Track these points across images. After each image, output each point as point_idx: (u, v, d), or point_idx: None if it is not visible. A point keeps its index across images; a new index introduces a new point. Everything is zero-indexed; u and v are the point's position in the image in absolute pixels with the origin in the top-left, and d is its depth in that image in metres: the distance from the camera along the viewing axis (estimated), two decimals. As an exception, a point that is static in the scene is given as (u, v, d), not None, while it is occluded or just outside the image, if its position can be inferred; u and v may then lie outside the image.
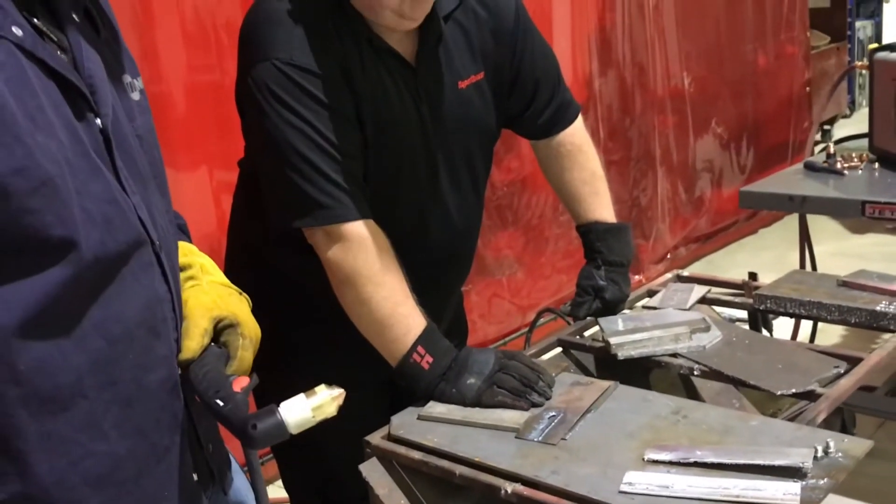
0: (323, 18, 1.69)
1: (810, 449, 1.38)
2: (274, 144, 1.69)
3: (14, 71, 1.04)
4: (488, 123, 1.90)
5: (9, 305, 1.05)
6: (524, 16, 1.90)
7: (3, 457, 1.08)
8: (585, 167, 2.04)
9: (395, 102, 1.75)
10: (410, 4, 1.65)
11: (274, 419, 1.24)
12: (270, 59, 1.66)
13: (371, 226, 1.71)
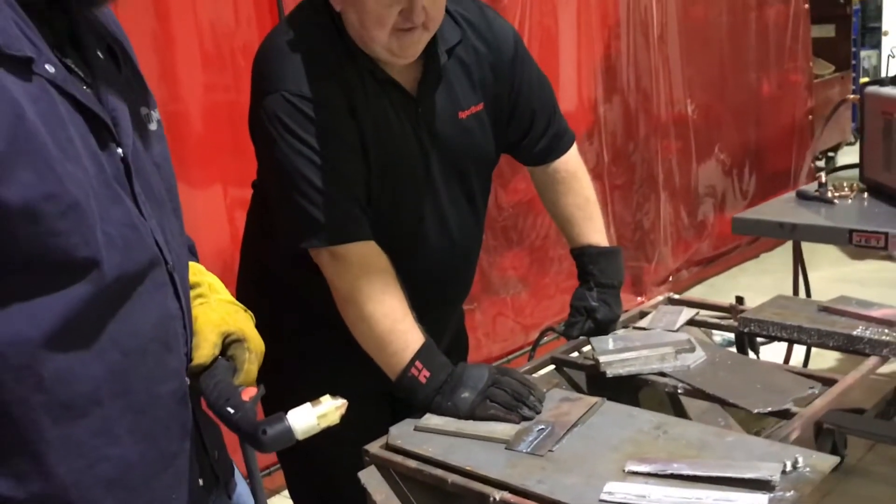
0: (328, 52, 1.81)
1: (779, 463, 1.47)
2: (282, 170, 1.80)
3: (46, 105, 1.14)
4: (487, 151, 2.01)
5: (36, 319, 1.15)
6: (522, 50, 2.02)
7: (25, 458, 1.17)
8: (580, 193, 2.15)
9: (397, 131, 1.86)
10: (398, 44, 1.76)
11: (283, 425, 1.34)
12: (280, 91, 1.77)
13: (372, 247, 1.82)
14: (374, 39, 1.77)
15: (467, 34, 1.93)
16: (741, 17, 5.83)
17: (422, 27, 1.76)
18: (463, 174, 1.97)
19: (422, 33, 1.78)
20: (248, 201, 2.17)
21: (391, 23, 1.74)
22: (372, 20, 1.74)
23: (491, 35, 1.96)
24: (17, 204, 1.10)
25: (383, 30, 1.74)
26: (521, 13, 4.32)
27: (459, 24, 1.92)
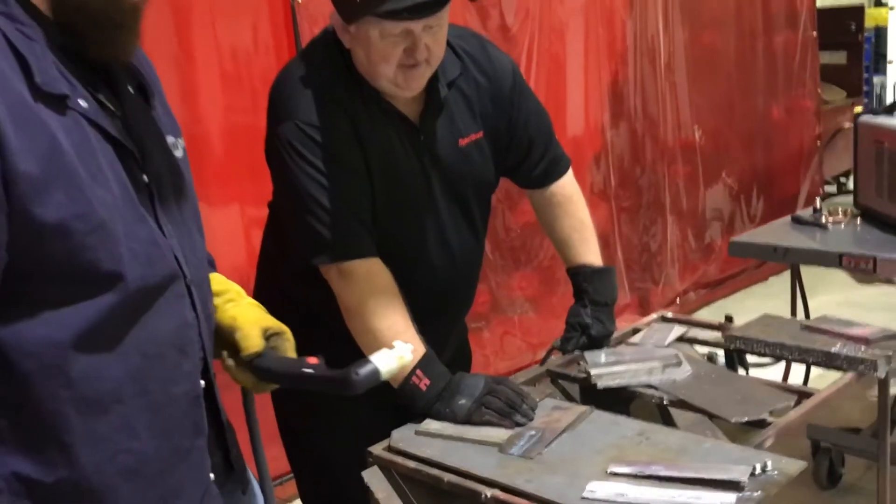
0: (338, 85, 1.96)
1: (749, 466, 1.59)
2: (294, 192, 1.95)
3: (80, 136, 1.29)
4: (486, 176, 2.14)
5: (66, 324, 1.29)
6: (520, 82, 2.16)
7: (54, 447, 1.31)
8: (574, 216, 2.28)
9: (401, 157, 2.00)
10: (403, 78, 1.91)
11: (371, 366, 1.48)
12: (293, 120, 1.93)
13: (377, 263, 1.96)
14: (381, 74, 1.91)
15: (468, 67, 2.07)
16: (749, 45, 5.96)
17: (424, 63, 1.91)
18: (462, 197, 2.11)
19: (425, 69, 1.92)
20: (263, 220, 2.31)
21: (396, 59, 1.88)
22: (378, 57, 1.89)
23: (491, 68, 2.10)
24: (52, 222, 1.24)
25: (389, 66, 1.89)
26: (530, 40, 4.47)
27: (461, 58, 2.07)
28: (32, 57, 1.26)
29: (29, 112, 1.24)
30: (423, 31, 1.88)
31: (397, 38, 1.87)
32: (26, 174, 1.22)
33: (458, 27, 2.14)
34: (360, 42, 1.91)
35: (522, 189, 2.33)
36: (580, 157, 4.87)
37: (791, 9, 6.24)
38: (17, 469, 1.29)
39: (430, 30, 1.89)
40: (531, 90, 2.22)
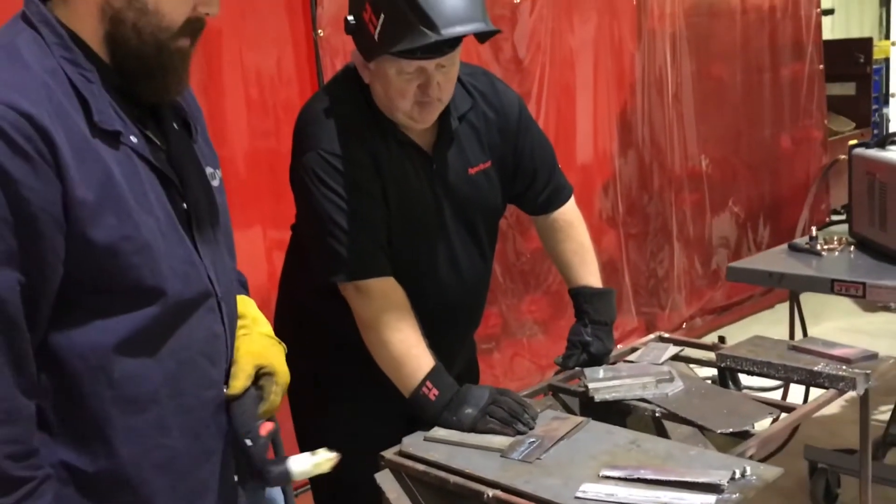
0: (357, 117, 2.14)
1: (729, 471, 1.74)
2: (316, 216, 2.12)
3: (129, 168, 1.47)
4: (494, 202, 2.31)
5: (111, 331, 1.46)
6: (526, 115, 2.34)
7: (96, 440, 1.48)
8: (576, 240, 2.45)
9: (415, 184, 2.17)
10: (418, 112, 2.09)
11: (283, 467, 1.65)
12: (316, 150, 2.10)
13: (391, 282, 2.12)
14: (397, 108, 2.09)
15: (478, 102, 2.25)
16: (756, 77, 6.09)
17: (437, 100, 2.08)
18: (471, 221, 2.27)
19: (437, 104, 2.10)
20: (284, 242, 2.48)
21: (412, 95, 2.06)
22: (395, 92, 2.06)
23: (499, 103, 2.28)
24: (103, 242, 1.42)
25: (405, 101, 2.07)
26: (542, 71, 4.63)
27: (471, 94, 2.25)
28: (91, 97, 1.44)
29: (87, 146, 1.41)
30: (436, 70, 2.05)
31: (412, 75, 2.04)
32: (83, 200, 1.39)
33: (470, 65, 2.32)
34: (379, 78, 2.08)
35: (528, 215, 2.49)
36: (589, 184, 5.02)
37: (798, 42, 6.37)
38: (63, 458, 1.45)
39: (442, 69, 2.06)
40: (536, 123, 2.39)
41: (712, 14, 5.69)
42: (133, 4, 1.45)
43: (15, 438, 1.36)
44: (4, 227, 1.33)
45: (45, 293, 1.39)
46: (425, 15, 1.93)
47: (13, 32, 1.46)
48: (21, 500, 1.36)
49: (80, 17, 1.47)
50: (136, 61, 1.49)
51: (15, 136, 1.33)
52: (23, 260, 1.35)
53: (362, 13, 2.02)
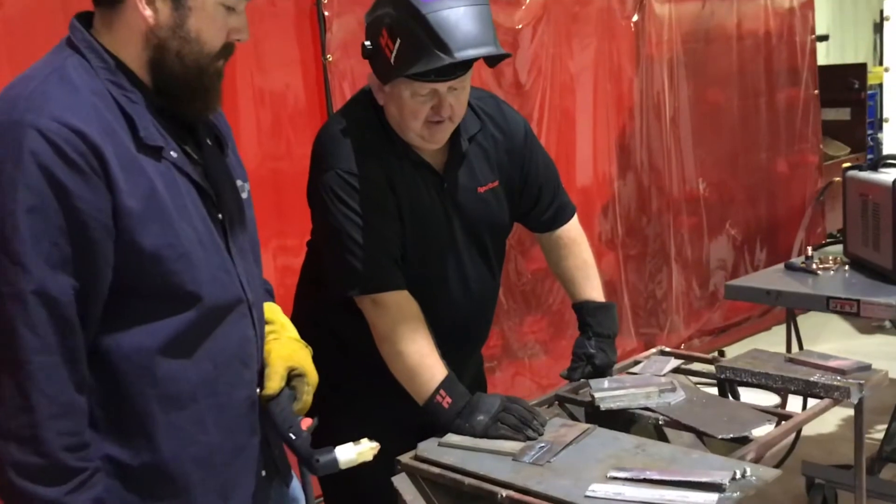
0: (373, 138, 2.24)
1: (729, 472, 1.83)
2: (335, 232, 2.22)
3: (170, 180, 1.59)
4: (501, 219, 2.41)
5: (155, 334, 1.58)
6: (531, 137, 2.45)
7: (140, 436, 1.59)
8: (579, 256, 2.55)
9: (427, 203, 2.27)
10: (429, 132, 2.20)
11: (331, 456, 1.79)
12: (335, 169, 2.21)
13: (406, 295, 2.22)
14: (410, 128, 2.19)
15: (486, 125, 2.36)
16: (752, 102, 6.19)
17: (448, 120, 2.19)
18: (481, 239, 2.37)
19: (448, 125, 2.21)
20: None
21: (424, 116, 2.17)
22: (409, 113, 2.17)
23: (506, 125, 2.39)
24: (148, 249, 1.53)
25: (417, 121, 2.18)
26: (542, 96, 4.75)
27: (480, 117, 2.36)
28: (136, 116, 1.55)
29: (133, 160, 1.53)
30: (448, 92, 2.16)
31: (425, 97, 2.15)
32: (130, 210, 1.50)
33: (478, 90, 2.43)
34: (394, 100, 2.19)
35: (533, 232, 2.59)
36: (589, 206, 5.13)
37: (793, 67, 6.48)
38: (109, 452, 1.56)
39: (454, 91, 2.17)
40: (541, 145, 2.51)
41: (709, 40, 5.81)
42: (177, 34, 1.58)
43: (71, 431, 1.47)
44: (60, 234, 1.44)
45: (96, 296, 1.50)
46: (440, 39, 2.04)
47: (61, 58, 1.58)
48: (75, 490, 1.46)
49: (124, 44, 1.59)
50: (178, 84, 1.60)
51: (69, 152, 1.45)
52: (77, 265, 1.46)
53: (379, 38, 2.13)
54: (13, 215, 1.43)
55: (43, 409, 1.44)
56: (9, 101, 1.50)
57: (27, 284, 1.44)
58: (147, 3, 1.56)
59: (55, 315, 1.45)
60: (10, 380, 1.44)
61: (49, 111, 1.47)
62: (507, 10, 4.56)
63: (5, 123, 1.46)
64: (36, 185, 1.44)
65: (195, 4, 1.58)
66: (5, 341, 1.44)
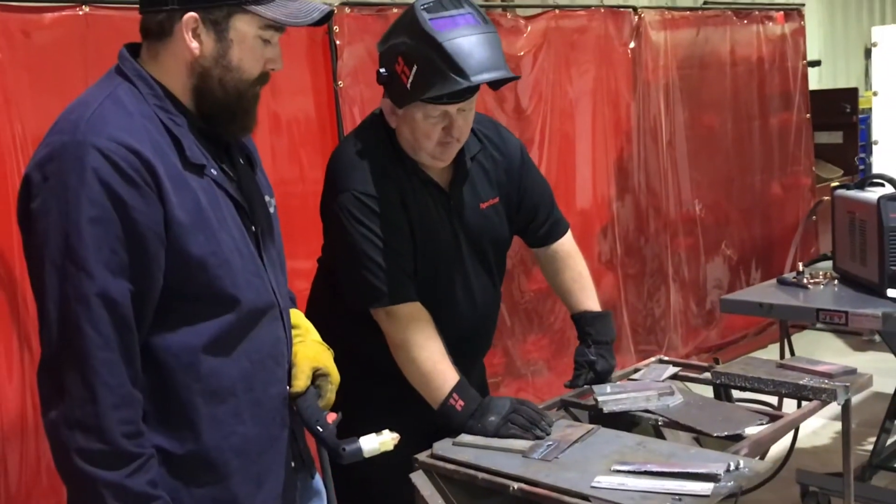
0: (385, 159, 2.40)
1: (724, 464, 1.98)
2: (351, 250, 2.38)
3: (212, 195, 1.76)
4: (503, 234, 2.59)
5: (199, 334, 1.73)
6: (527, 158, 2.65)
7: (185, 426, 1.74)
8: (574, 269, 2.73)
9: (436, 218, 2.44)
10: (441, 151, 2.36)
11: (356, 445, 1.94)
12: (350, 190, 2.36)
13: (418, 306, 2.38)
14: (423, 148, 2.36)
15: (486, 145, 2.55)
16: (746, 126, 6.32)
17: (456, 140, 2.36)
18: (483, 252, 2.54)
19: (456, 144, 2.38)
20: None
21: (436, 137, 2.33)
22: (421, 134, 2.34)
23: (504, 147, 2.58)
24: (195, 256, 1.69)
25: (431, 141, 2.34)
26: (543, 120, 4.91)
27: (480, 139, 2.54)
28: (182, 137, 1.73)
29: (180, 177, 1.69)
30: (458, 113, 2.33)
31: (437, 119, 2.32)
32: (180, 220, 1.66)
33: (478, 114, 2.60)
34: (406, 122, 2.35)
35: (530, 248, 2.77)
36: (588, 228, 5.28)
37: (785, 92, 6.62)
38: (157, 442, 1.71)
39: (463, 112, 2.34)
40: (535, 165, 2.71)
41: (703, 66, 5.97)
42: (220, 63, 1.75)
43: (129, 419, 1.62)
44: (118, 243, 1.60)
45: (149, 299, 1.66)
46: (456, 65, 2.20)
47: (113, 85, 1.75)
48: (133, 473, 1.61)
49: (169, 72, 1.76)
50: (220, 107, 1.77)
51: (126, 168, 1.61)
52: (132, 271, 1.62)
53: (394, 65, 2.29)
54: (78, 226, 1.59)
55: (106, 400, 1.59)
56: (70, 123, 1.66)
57: (90, 288, 1.59)
58: (193, 36, 1.73)
59: (115, 315, 1.61)
60: (76, 374, 1.59)
61: (107, 132, 1.63)
62: (508, 38, 4.73)
63: (69, 143, 1.62)
64: (97, 198, 1.60)
65: (236, 37, 1.75)
66: (71, 339, 1.59)
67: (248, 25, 1.76)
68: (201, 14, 1.72)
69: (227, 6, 1.73)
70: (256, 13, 1.75)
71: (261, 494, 1.84)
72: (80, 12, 3.09)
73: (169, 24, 1.74)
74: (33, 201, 1.64)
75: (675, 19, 5.74)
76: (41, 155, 1.66)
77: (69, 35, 3.07)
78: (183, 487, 1.73)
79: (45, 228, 1.61)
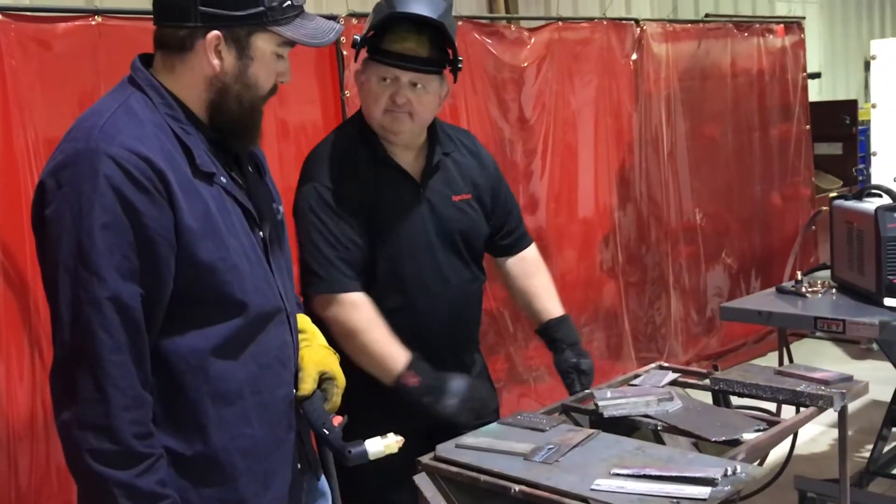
0: (358, 155, 2.53)
1: (721, 468, 2.03)
2: (303, 237, 2.51)
3: (221, 202, 1.81)
4: (474, 225, 2.69)
5: (208, 338, 1.78)
6: (499, 172, 2.81)
7: (193, 428, 1.79)
8: (541, 276, 2.86)
9: (407, 206, 2.56)
10: (389, 120, 2.49)
11: (362, 448, 1.99)
12: (312, 182, 2.49)
13: (360, 296, 2.48)
14: (373, 115, 2.51)
15: (460, 148, 2.69)
16: (746, 137, 6.41)
17: (407, 115, 2.48)
18: (452, 240, 2.64)
19: (406, 119, 2.50)
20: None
21: (384, 103, 2.47)
22: (372, 99, 2.49)
23: (478, 154, 2.75)
24: (205, 262, 1.74)
25: (378, 107, 2.49)
26: (546, 130, 4.98)
27: (454, 142, 2.69)
28: (192, 146, 1.77)
29: (190, 184, 1.74)
30: (409, 86, 2.47)
31: (387, 84, 2.47)
32: (189, 227, 1.71)
33: (458, 127, 2.83)
34: (363, 88, 2.52)
35: (495, 257, 2.86)
36: (591, 236, 5.34)
37: (785, 103, 6.70)
38: (166, 444, 1.75)
39: (415, 88, 2.48)
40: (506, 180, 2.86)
41: (704, 77, 6.05)
42: (239, 80, 1.82)
43: (139, 420, 1.67)
44: (130, 248, 1.65)
45: (159, 303, 1.71)
46: (392, 3, 2.42)
47: (125, 94, 1.80)
48: (143, 473, 1.66)
49: (185, 85, 1.82)
50: (233, 121, 1.83)
51: (138, 176, 1.66)
52: (143, 276, 1.67)
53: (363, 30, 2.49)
54: (90, 231, 1.64)
55: (117, 402, 1.64)
56: (84, 131, 1.71)
57: (102, 292, 1.64)
58: (215, 53, 1.78)
59: (126, 319, 1.66)
60: (88, 375, 1.64)
61: (120, 141, 1.69)
62: (512, 49, 4.80)
63: (83, 151, 1.68)
64: (110, 204, 1.65)
65: (256, 54, 1.81)
66: (84, 341, 1.64)
67: (267, 43, 1.82)
68: (224, 32, 1.78)
69: (249, 25, 1.79)
70: (278, 33, 1.81)
71: (268, 495, 1.88)
72: (92, 22, 3.16)
73: (191, 40, 1.79)
74: (47, 207, 1.69)
75: (676, 32, 5.81)
76: (55, 162, 1.71)
77: (82, 44, 3.14)
78: (191, 488, 1.78)
79: (58, 234, 1.67)
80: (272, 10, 1.79)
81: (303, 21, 1.84)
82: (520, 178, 4.89)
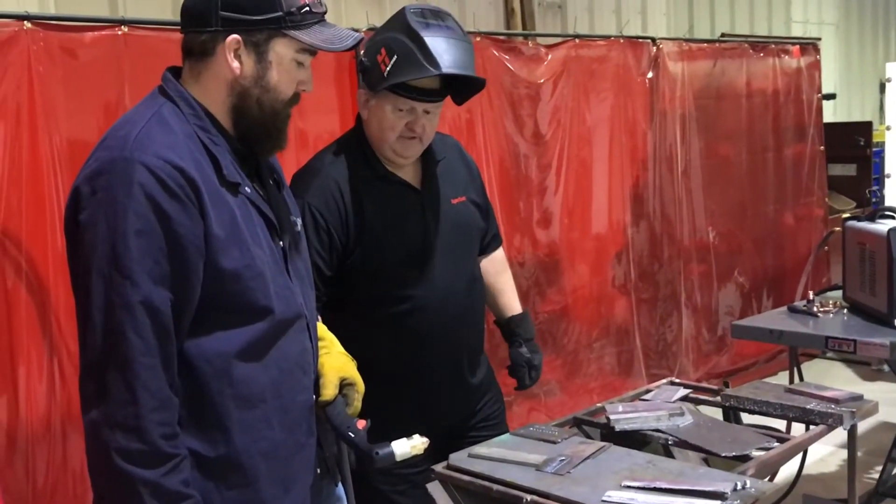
0: (350, 169, 2.57)
1: (731, 483, 2.06)
2: None
3: (245, 211, 1.86)
4: (476, 222, 2.78)
5: (232, 341, 1.82)
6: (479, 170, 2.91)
7: (217, 430, 1.83)
8: (507, 273, 2.98)
9: (409, 213, 2.60)
10: (401, 146, 2.55)
11: (388, 449, 2.02)
12: (304, 199, 2.49)
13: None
14: (386, 140, 2.55)
15: (451, 154, 2.77)
16: (760, 157, 6.41)
17: (418, 140, 2.55)
18: (453, 239, 2.69)
19: (417, 143, 2.57)
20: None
21: (400, 130, 2.52)
22: (387, 126, 2.53)
23: (465, 158, 2.84)
24: (230, 270, 1.78)
25: (394, 133, 2.53)
26: (561, 146, 5.01)
27: (446, 148, 2.76)
28: (219, 156, 1.82)
29: (218, 193, 1.79)
30: (423, 114, 2.53)
31: (403, 113, 2.52)
32: (217, 235, 1.76)
33: (446, 135, 2.86)
34: (375, 114, 2.55)
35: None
36: (604, 252, 5.36)
37: (800, 124, 6.69)
38: (190, 446, 1.79)
39: (428, 114, 2.55)
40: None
41: (719, 97, 6.06)
42: (258, 83, 1.86)
43: (166, 422, 1.71)
44: (161, 254, 1.70)
45: (187, 308, 1.75)
46: (432, 57, 2.41)
47: (157, 104, 1.85)
48: (169, 472, 1.70)
49: (210, 93, 1.87)
50: (256, 126, 1.89)
51: (171, 184, 1.71)
52: (173, 281, 1.72)
53: (377, 56, 2.49)
54: (124, 237, 1.68)
55: (146, 403, 1.68)
56: (119, 140, 1.76)
57: (135, 296, 1.68)
58: (234, 56, 1.83)
59: (156, 323, 1.70)
60: (119, 376, 1.68)
61: (153, 150, 1.73)
62: (529, 66, 4.84)
63: (118, 159, 1.72)
64: (143, 211, 1.69)
65: (274, 59, 1.86)
66: (115, 344, 1.68)
67: (286, 49, 1.87)
68: (244, 36, 1.84)
69: (268, 30, 1.84)
70: (296, 38, 1.86)
71: (288, 499, 1.92)
72: (118, 32, 3.21)
73: (212, 44, 1.85)
74: (82, 213, 1.73)
75: (692, 51, 5.84)
76: (91, 169, 1.76)
77: (107, 53, 3.19)
78: (214, 489, 1.82)
79: (92, 239, 1.71)
80: (291, 15, 1.84)
81: (322, 28, 1.90)
82: (534, 192, 4.92)
